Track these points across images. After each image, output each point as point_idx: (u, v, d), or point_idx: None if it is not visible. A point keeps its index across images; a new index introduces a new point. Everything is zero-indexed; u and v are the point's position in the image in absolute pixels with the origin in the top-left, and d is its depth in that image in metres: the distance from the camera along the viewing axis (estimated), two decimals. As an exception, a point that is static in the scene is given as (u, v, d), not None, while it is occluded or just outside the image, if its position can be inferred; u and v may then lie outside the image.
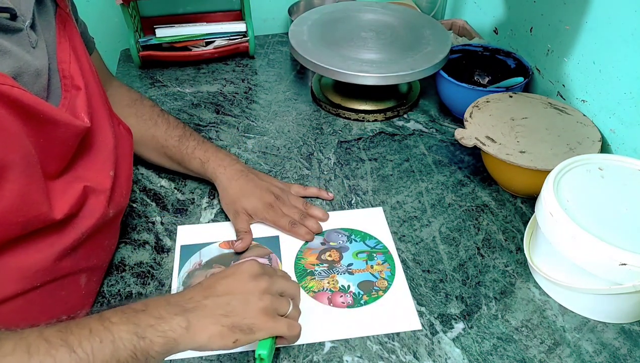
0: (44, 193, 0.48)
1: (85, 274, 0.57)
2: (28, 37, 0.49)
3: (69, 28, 0.56)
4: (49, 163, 0.50)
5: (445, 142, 0.87)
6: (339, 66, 0.86)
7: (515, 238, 0.70)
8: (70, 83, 0.54)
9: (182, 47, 1.06)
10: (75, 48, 0.56)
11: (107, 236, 0.61)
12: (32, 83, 0.49)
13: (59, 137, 0.50)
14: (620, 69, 0.74)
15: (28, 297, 0.50)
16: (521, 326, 0.59)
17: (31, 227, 0.48)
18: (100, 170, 0.57)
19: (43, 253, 0.50)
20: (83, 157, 0.55)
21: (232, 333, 0.47)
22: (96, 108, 0.57)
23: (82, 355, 0.40)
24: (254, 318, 0.48)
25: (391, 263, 0.66)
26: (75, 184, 0.53)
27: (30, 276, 0.49)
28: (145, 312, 0.45)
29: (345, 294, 0.63)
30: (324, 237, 0.70)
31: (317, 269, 0.66)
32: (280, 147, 0.86)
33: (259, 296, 0.49)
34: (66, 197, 0.51)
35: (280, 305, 0.51)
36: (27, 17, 0.50)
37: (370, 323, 0.59)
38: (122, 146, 0.62)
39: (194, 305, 0.47)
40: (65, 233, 0.52)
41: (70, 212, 0.52)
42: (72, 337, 0.41)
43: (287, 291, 0.53)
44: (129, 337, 0.43)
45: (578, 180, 0.62)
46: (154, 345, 0.44)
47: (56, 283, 0.53)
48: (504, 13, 1.03)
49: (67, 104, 0.52)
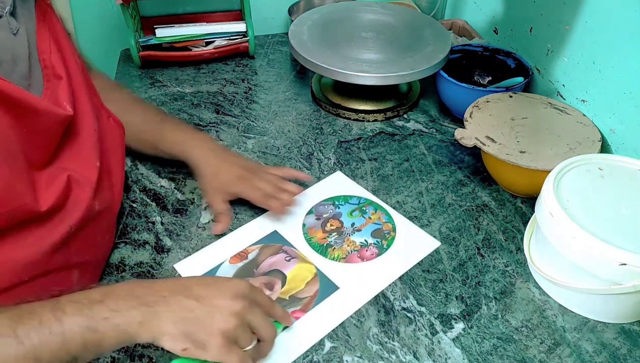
0: (27, 183, 0.48)
1: (78, 270, 0.57)
2: (8, 23, 0.49)
3: (49, 18, 0.56)
4: (33, 153, 0.49)
5: (445, 142, 0.87)
6: (339, 66, 0.86)
7: (515, 238, 0.70)
8: (52, 73, 0.53)
9: (182, 47, 1.05)
10: (56, 38, 0.55)
11: (99, 232, 0.60)
12: (11, 71, 0.48)
13: (41, 127, 0.50)
14: (620, 69, 0.74)
15: (17, 291, 0.49)
16: (521, 326, 0.59)
17: (16, 218, 0.47)
18: (86, 161, 0.56)
19: (32, 247, 0.50)
20: (68, 147, 0.55)
21: (183, 341, 0.45)
22: (80, 98, 0.56)
23: (28, 346, 0.40)
24: (210, 335, 0.46)
25: (381, 209, 0.73)
26: (60, 175, 0.53)
27: (19, 270, 0.49)
28: (102, 303, 0.44)
29: (368, 247, 0.68)
30: (314, 213, 0.73)
31: (330, 240, 0.69)
32: (280, 147, 0.86)
33: (225, 317, 0.47)
34: (52, 188, 0.51)
35: (242, 337, 0.48)
36: (6, 3, 0.49)
37: (403, 259, 0.66)
38: (112, 139, 0.62)
39: (156, 299, 0.46)
40: (53, 227, 0.52)
41: (56, 204, 0.51)
42: (21, 327, 0.41)
43: (260, 329, 0.50)
44: (80, 330, 0.42)
45: (578, 180, 0.62)
46: (106, 337, 0.43)
47: (47, 278, 0.52)
48: (504, 13, 1.03)
49: (49, 94, 0.52)
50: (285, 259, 0.66)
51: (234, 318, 0.47)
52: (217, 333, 0.46)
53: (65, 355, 0.42)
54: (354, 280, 0.64)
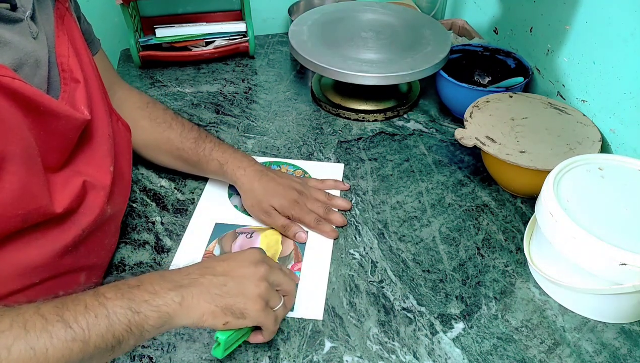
0: (44, 186, 0.49)
1: (85, 272, 0.57)
2: (29, 27, 0.49)
3: (67, 22, 0.56)
4: (49, 156, 0.50)
5: (445, 142, 0.87)
6: (339, 66, 0.86)
7: (515, 238, 0.70)
8: (69, 76, 0.54)
9: (182, 47, 1.06)
10: (74, 42, 0.56)
11: (107, 235, 0.61)
12: (33, 74, 0.49)
13: (59, 130, 0.50)
14: (620, 69, 0.74)
15: (27, 294, 0.50)
16: (521, 326, 0.59)
17: (31, 220, 0.48)
18: (100, 165, 0.57)
19: (44, 249, 0.50)
20: (83, 150, 0.55)
21: (223, 315, 0.48)
22: (95, 102, 0.57)
23: (77, 330, 0.42)
24: (247, 303, 0.49)
25: (299, 168, 0.81)
26: (75, 178, 0.53)
27: (30, 272, 0.49)
28: (140, 288, 0.46)
29: None
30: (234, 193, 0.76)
31: None
32: (280, 147, 0.86)
33: (255, 282, 0.50)
34: (66, 190, 0.52)
35: (272, 296, 0.52)
36: (27, 7, 0.50)
37: None
38: (121, 143, 0.62)
39: (190, 281, 0.48)
40: (66, 230, 0.52)
41: (71, 207, 0.52)
42: (68, 313, 0.42)
43: (283, 286, 0.54)
44: (124, 311, 0.44)
45: (578, 180, 0.62)
46: (149, 319, 0.45)
47: (55, 280, 0.53)
48: (504, 13, 1.03)
49: (66, 97, 0.53)
50: (247, 237, 0.69)
51: (262, 282, 0.51)
52: (253, 299, 0.50)
53: (111, 338, 0.43)
54: None
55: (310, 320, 0.59)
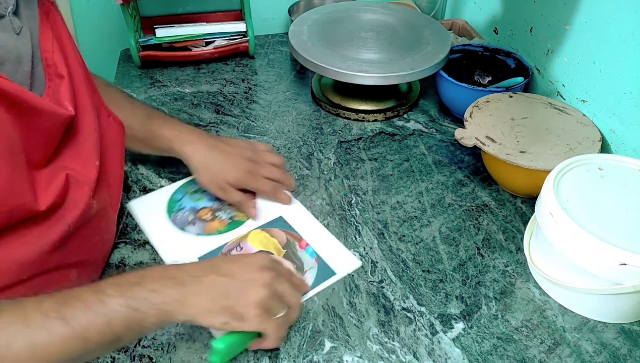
0: (27, 183, 0.48)
1: (76, 269, 0.57)
2: (11, 23, 0.49)
3: (52, 18, 0.56)
4: (33, 152, 0.49)
5: (445, 142, 0.87)
6: (339, 66, 0.86)
7: (515, 238, 0.70)
8: (54, 72, 0.53)
9: (182, 47, 1.05)
10: (59, 37, 0.55)
11: (97, 231, 0.60)
12: (15, 71, 0.48)
13: (43, 126, 0.50)
14: (620, 69, 0.74)
15: (15, 291, 0.49)
16: (521, 326, 0.59)
17: (16, 216, 0.47)
18: (86, 160, 0.56)
19: (31, 246, 0.50)
20: (69, 146, 0.55)
21: (222, 315, 0.48)
22: (81, 96, 0.56)
23: (76, 327, 0.42)
24: (247, 307, 0.49)
25: None
26: (60, 174, 0.53)
27: (18, 269, 0.49)
28: (140, 285, 0.46)
29: None
30: (175, 224, 0.71)
31: (222, 216, 0.72)
32: (280, 147, 0.86)
33: (257, 288, 0.50)
34: (51, 187, 0.51)
35: (274, 305, 0.52)
36: (9, 3, 0.49)
37: None
38: (111, 138, 0.62)
39: (191, 279, 0.49)
40: (52, 226, 0.52)
41: (55, 203, 0.51)
42: (68, 310, 0.43)
43: (287, 296, 0.53)
44: (123, 309, 0.44)
45: (578, 180, 0.62)
46: (148, 316, 0.45)
47: (45, 277, 0.52)
48: (504, 13, 1.03)
49: (51, 93, 0.52)
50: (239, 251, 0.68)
51: (265, 289, 0.50)
52: (253, 304, 0.49)
53: (111, 335, 0.44)
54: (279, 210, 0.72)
55: (310, 320, 0.59)
